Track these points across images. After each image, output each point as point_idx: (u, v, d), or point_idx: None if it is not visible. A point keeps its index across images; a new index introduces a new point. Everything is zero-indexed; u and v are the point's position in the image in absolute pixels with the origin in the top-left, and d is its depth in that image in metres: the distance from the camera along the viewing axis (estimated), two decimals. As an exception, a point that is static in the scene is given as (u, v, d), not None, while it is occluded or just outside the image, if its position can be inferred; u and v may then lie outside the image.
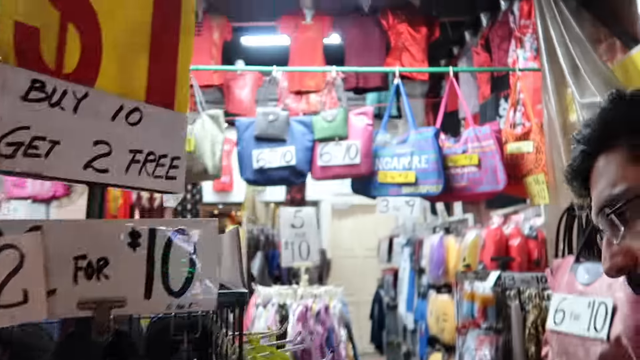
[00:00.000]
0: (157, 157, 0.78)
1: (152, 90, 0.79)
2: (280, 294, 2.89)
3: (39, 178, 0.67)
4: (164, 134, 0.80)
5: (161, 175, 0.79)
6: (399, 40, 4.07)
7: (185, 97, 0.85)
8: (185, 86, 0.85)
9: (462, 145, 3.23)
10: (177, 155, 0.82)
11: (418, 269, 5.23)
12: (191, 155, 3.05)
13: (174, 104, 0.83)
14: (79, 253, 0.56)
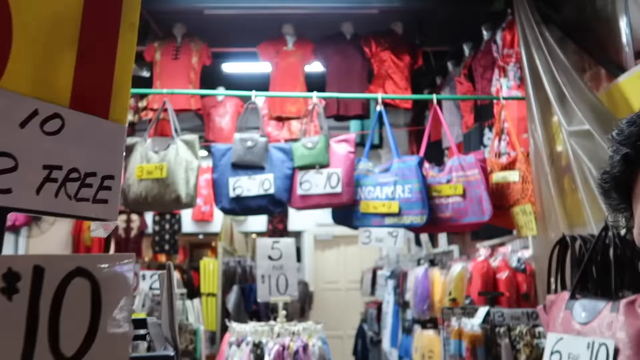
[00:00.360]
0: (82, 176, 0.63)
1: (80, 95, 0.64)
2: (255, 331, 2.69)
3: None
4: (93, 147, 0.66)
5: (86, 198, 0.64)
6: (382, 67, 4.02)
7: (125, 105, 0.71)
8: (125, 92, 0.70)
9: (447, 174, 3.13)
10: (110, 173, 0.67)
11: (402, 302, 5.05)
12: (164, 182, 2.90)
13: (109, 112, 0.68)
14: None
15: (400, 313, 5.27)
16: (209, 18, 4.01)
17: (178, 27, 4.04)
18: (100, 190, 0.67)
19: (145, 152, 2.96)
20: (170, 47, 4.00)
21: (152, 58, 4.01)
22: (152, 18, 4.05)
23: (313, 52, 4.10)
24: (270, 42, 4.05)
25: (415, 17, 4.24)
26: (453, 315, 2.64)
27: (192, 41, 4.06)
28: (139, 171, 2.89)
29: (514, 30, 3.48)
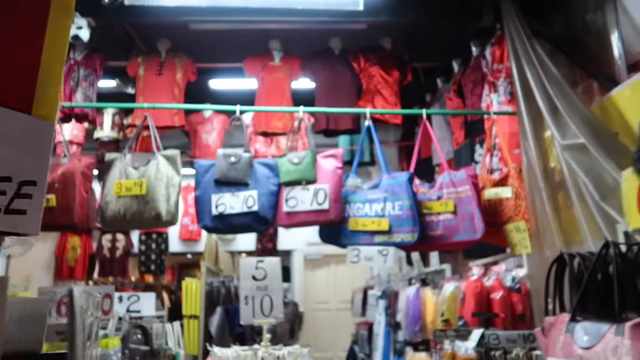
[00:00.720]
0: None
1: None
2: (237, 356, 2.54)
3: None
4: (9, 146, 0.54)
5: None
6: (371, 83, 3.95)
7: (53, 100, 0.60)
8: (54, 85, 0.59)
9: (437, 191, 3.04)
10: (30, 179, 0.55)
11: (394, 323, 4.91)
12: (143, 199, 2.77)
13: (32, 106, 0.57)
14: None
15: (392, 334, 5.13)
16: (194, 33, 3.94)
17: (162, 42, 3.96)
18: (17, 198, 0.55)
19: (125, 168, 2.84)
20: (154, 63, 3.91)
21: (136, 73, 3.91)
22: (137, 33, 3.97)
23: (301, 68, 4.04)
24: (257, 57, 3.97)
25: (404, 33, 4.20)
26: (446, 338, 2.52)
27: (177, 56, 3.97)
28: (117, 188, 2.77)
29: (504, 45, 3.43)
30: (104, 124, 5.22)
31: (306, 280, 8.18)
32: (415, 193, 2.99)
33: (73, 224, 2.71)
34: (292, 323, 7.46)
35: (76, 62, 3.75)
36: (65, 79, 3.68)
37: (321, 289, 8.24)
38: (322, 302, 8.25)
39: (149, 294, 2.85)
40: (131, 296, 2.76)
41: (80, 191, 2.76)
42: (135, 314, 2.69)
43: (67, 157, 2.82)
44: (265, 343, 2.69)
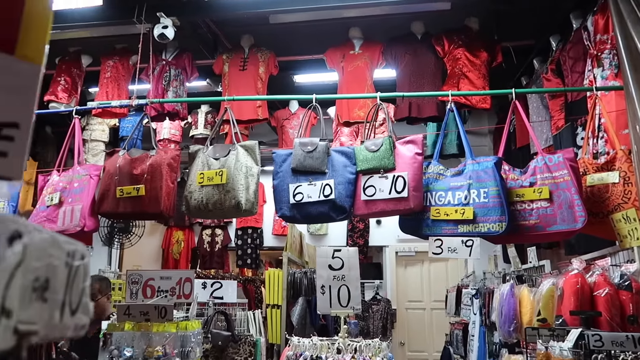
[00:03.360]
0: (-33, 121, 0.50)
1: (-30, 22, 0.51)
2: (314, 345, 2.51)
3: None
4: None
5: (-27, 149, 0.50)
6: (456, 66, 3.73)
7: (41, 41, 0.57)
8: (42, 26, 0.57)
9: (530, 176, 2.76)
10: (11, 120, 0.54)
11: (489, 323, 4.60)
12: (224, 188, 2.85)
13: (15, 47, 0.55)
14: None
15: (487, 335, 4.81)
16: (275, 27, 3.99)
17: (245, 38, 4.06)
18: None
19: (207, 158, 2.94)
20: (238, 59, 4.02)
21: (221, 70, 4.05)
22: (220, 31, 4.11)
23: (382, 54, 3.92)
24: (337, 47, 3.93)
25: (492, 11, 3.90)
26: (538, 338, 2.27)
27: (259, 51, 4.05)
28: (199, 177, 2.87)
29: (607, 13, 3.05)
30: (198, 123, 5.49)
31: (398, 277, 7.98)
32: (503, 179, 2.75)
33: (160, 212, 2.85)
34: (385, 320, 7.32)
35: (167, 63, 3.97)
36: (158, 79, 3.92)
37: (414, 287, 7.99)
38: (415, 300, 8.00)
39: (231, 282, 2.92)
40: (214, 283, 2.85)
41: (166, 181, 2.90)
42: (219, 300, 2.78)
43: (154, 150, 2.98)
44: (342, 334, 2.63)
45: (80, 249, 0.53)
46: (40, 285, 0.42)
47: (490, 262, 5.77)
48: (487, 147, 5.87)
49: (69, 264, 0.50)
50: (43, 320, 0.43)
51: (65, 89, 4.24)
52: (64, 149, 3.18)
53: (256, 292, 6.24)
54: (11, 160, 0.55)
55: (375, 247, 7.91)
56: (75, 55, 4.45)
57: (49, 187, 3.08)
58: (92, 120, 5.24)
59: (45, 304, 0.44)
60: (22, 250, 0.37)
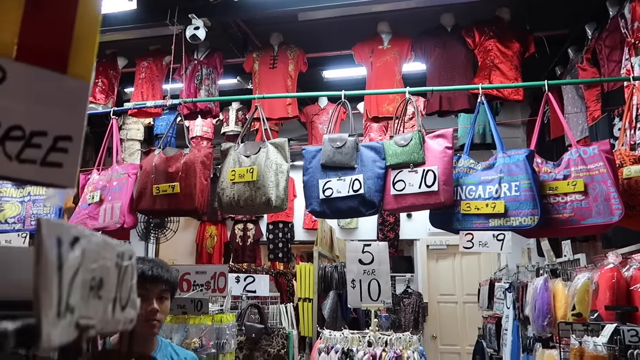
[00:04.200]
0: (27, 135, 0.56)
1: (28, 46, 0.57)
2: (345, 338, 2.56)
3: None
4: (43, 104, 0.58)
5: (33, 160, 0.56)
6: (487, 58, 3.68)
7: (89, 60, 0.63)
8: (89, 46, 0.62)
9: (564, 169, 2.72)
10: (65, 134, 0.59)
11: (522, 317, 4.55)
12: (254, 185, 2.91)
13: (67, 66, 0.60)
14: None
15: (521, 329, 4.76)
16: (304, 25, 4.02)
17: (274, 36, 4.11)
18: (52, 152, 0.59)
19: (238, 156, 3.01)
20: (268, 57, 4.08)
21: (251, 68, 4.12)
22: (250, 30, 4.17)
23: (411, 48, 3.90)
24: (365, 42, 3.93)
25: (524, 1, 3.83)
26: (572, 332, 2.25)
27: (288, 49, 4.10)
28: (231, 175, 2.94)
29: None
30: (229, 120, 5.59)
31: (430, 270, 7.94)
32: (535, 172, 2.72)
33: (194, 208, 2.94)
34: (417, 314, 7.31)
35: (199, 62, 4.06)
36: (190, 78, 4.02)
37: (446, 281, 7.95)
38: (447, 294, 7.95)
39: (264, 276, 2.99)
40: (247, 277, 2.93)
41: (200, 179, 2.99)
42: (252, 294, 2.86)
43: (188, 148, 3.07)
44: (373, 328, 2.67)
45: (128, 250, 0.58)
46: (96, 284, 0.47)
47: (523, 256, 5.68)
48: (520, 138, 5.77)
49: (119, 264, 0.55)
50: (98, 315, 0.48)
51: (102, 90, 4.39)
52: (103, 148, 3.31)
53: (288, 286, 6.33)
54: (66, 170, 0.60)
55: (406, 240, 7.89)
56: (112, 57, 4.60)
57: (89, 186, 3.21)
58: (128, 119, 5.40)
59: (100, 301, 0.49)
60: (81, 254, 0.42)
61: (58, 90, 0.60)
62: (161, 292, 1.52)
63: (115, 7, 3.47)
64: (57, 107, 0.60)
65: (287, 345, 2.84)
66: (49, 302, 0.35)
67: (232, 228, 7.88)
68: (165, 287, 1.53)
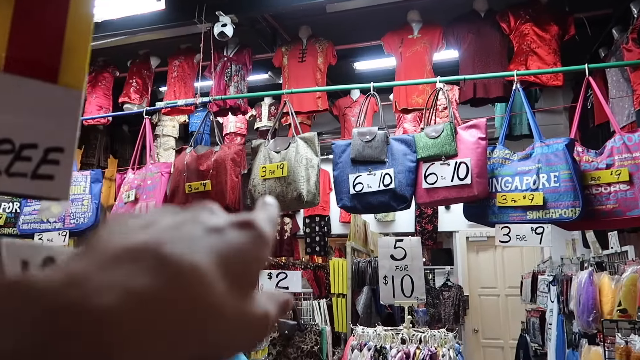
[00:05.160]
0: (17, 148, 0.55)
1: (16, 56, 0.56)
2: (378, 335, 2.52)
3: None
4: (33, 115, 0.57)
5: (23, 173, 0.55)
6: (524, 42, 3.52)
7: (80, 68, 0.61)
8: (80, 54, 0.61)
9: (607, 157, 2.58)
10: (57, 145, 0.58)
11: (567, 312, 4.37)
12: (285, 181, 2.90)
13: (58, 76, 0.59)
14: None
15: (566, 324, 4.58)
16: (333, 17, 3.97)
17: (303, 29, 4.07)
18: (43, 164, 0.58)
19: (268, 152, 3.01)
20: (297, 51, 4.05)
21: (281, 63, 4.10)
22: (279, 24, 4.15)
23: (442, 37, 3.78)
24: (395, 32, 3.84)
25: (562, -20, 3.64)
26: (617, 331, 2.14)
27: (317, 42, 4.06)
28: (262, 171, 2.94)
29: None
30: (262, 115, 5.61)
31: (470, 263, 7.77)
32: (576, 162, 2.59)
33: (226, 206, 2.96)
34: (457, 307, 7.17)
35: (229, 59, 4.08)
36: (220, 75, 4.04)
37: (487, 273, 7.75)
38: (488, 286, 7.76)
39: (296, 272, 2.99)
40: (279, 273, 2.93)
41: (231, 176, 3.00)
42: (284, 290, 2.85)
43: (219, 146, 3.09)
44: (407, 324, 2.62)
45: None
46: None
47: (568, 247, 5.47)
48: (563, 125, 5.53)
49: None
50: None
51: (137, 90, 4.48)
52: (137, 147, 3.38)
53: (327, 279, 6.33)
54: (58, 182, 0.59)
55: (444, 232, 7.73)
56: (145, 57, 4.69)
57: (125, 185, 3.29)
58: (163, 117, 5.51)
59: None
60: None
61: (49, 101, 0.59)
62: None
63: (145, 8, 3.52)
64: (48, 118, 0.59)
65: (321, 342, 2.83)
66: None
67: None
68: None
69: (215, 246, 0.24)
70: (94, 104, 4.62)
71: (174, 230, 0.24)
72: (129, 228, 0.24)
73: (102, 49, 4.10)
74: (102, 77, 4.72)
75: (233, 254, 0.24)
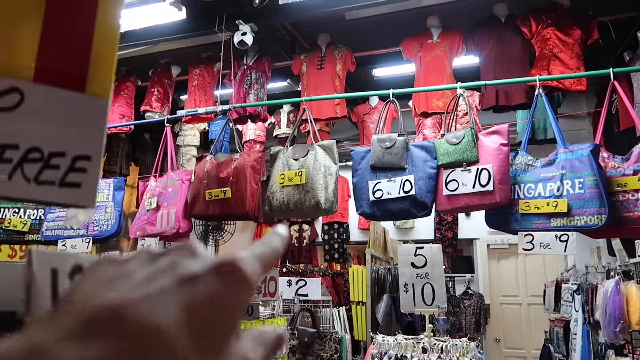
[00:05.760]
0: (46, 156, 0.56)
1: (45, 67, 0.57)
2: (399, 343, 2.49)
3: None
4: (61, 124, 0.58)
5: (52, 181, 0.56)
6: (546, 47, 3.47)
7: (107, 77, 0.62)
8: (107, 63, 0.62)
9: (634, 163, 2.52)
10: (84, 153, 0.58)
11: (593, 322, 4.27)
12: (303, 188, 2.90)
13: (85, 85, 0.60)
14: None
15: (592, 334, 4.47)
16: (352, 24, 3.97)
17: (322, 37, 4.09)
18: (71, 172, 0.59)
19: (287, 159, 3.01)
20: (316, 58, 4.07)
21: (299, 70, 4.12)
22: (298, 32, 4.18)
23: (462, 42, 3.76)
24: (414, 37, 3.83)
25: (585, -17, 3.59)
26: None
27: (336, 49, 4.07)
28: (280, 178, 2.95)
29: None
30: (281, 123, 5.64)
31: (491, 271, 7.65)
32: (602, 167, 2.53)
33: (245, 212, 2.97)
34: (478, 316, 7.05)
35: (248, 67, 4.11)
36: (240, 83, 4.08)
37: (509, 281, 7.62)
38: (510, 295, 7.63)
39: (316, 279, 2.98)
40: (299, 280, 2.92)
41: (250, 183, 3.02)
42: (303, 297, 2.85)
43: (238, 153, 3.11)
44: (428, 333, 2.58)
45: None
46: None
47: (593, 255, 5.34)
48: (586, 130, 5.43)
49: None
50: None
51: (158, 99, 4.55)
52: (159, 155, 3.42)
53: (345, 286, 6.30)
54: (85, 190, 0.60)
55: (465, 239, 7.64)
56: (166, 66, 4.76)
57: (147, 193, 3.33)
58: (184, 126, 5.57)
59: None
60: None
61: (76, 110, 0.60)
62: None
63: (167, 18, 3.58)
64: (76, 126, 0.60)
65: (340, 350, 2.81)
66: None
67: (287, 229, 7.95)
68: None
69: (185, 300, 0.24)
70: (117, 113, 4.70)
71: (143, 286, 0.24)
72: (101, 283, 0.24)
73: (125, 59, 4.18)
74: (125, 86, 4.80)
75: (205, 306, 0.24)
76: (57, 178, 0.58)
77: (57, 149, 0.58)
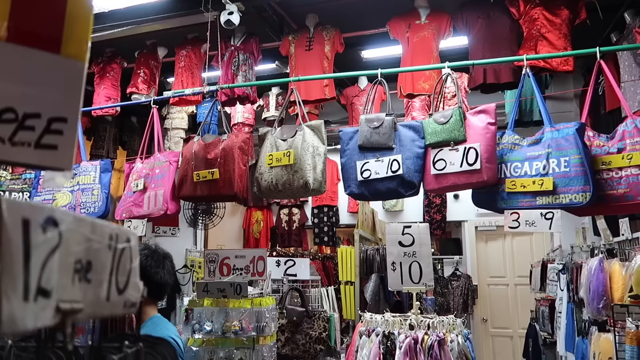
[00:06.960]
0: (20, 117, 0.55)
1: (18, 27, 0.56)
2: (386, 321, 2.52)
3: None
4: (37, 85, 0.57)
5: (27, 143, 0.56)
6: (533, 27, 3.47)
7: (83, 40, 0.61)
8: (83, 26, 0.61)
9: (618, 142, 2.55)
10: (60, 115, 0.58)
11: (577, 300, 4.35)
12: (292, 169, 2.90)
13: (60, 47, 0.59)
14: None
15: (576, 312, 4.56)
16: (340, 4, 3.94)
17: (310, 17, 4.05)
18: (46, 134, 0.58)
19: (275, 140, 3.00)
20: (304, 39, 4.03)
21: (288, 52, 4.08)
22: (286, 12, 4.13)
23: (450, 24, 3.74)
24: (401, 16, 3.80)
25: (573, -38, 3.57)
26: (628, 315, 2.12)
27: (324, 30, 4.03)
28: (268, 159, 2.94)
29: None
30: (270, 105, 5.60)
31: (479, 252, 7.74)
32: (587, 146, 2.56)
33: (234, 193, 2.97)
34: (466, 297, 7.15)
35: (236, 48, 4.07)
36: (227, 64, 4.03)
37: (496, 262, 7.72)
38: (497, 276, 7.74)
39: (304, 260, 2.99)
40: (287, 261, 2.94)
41: (238, 164, 3.01)
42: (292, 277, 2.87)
43: (226, 135, 3.09)
44: (415, 310, 2.62)
45: (124, 232, 0.56)
46: (82, 267, 0.46)
47: (578, 235, 5.43)
48: (573, 112, 5.46)
49: (113, 247, 0.53)
50: (88, 299, 0.47)
51: (144, 81, 4.49)
52: (145, 137, 3.39)
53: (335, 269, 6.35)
54: (61, 152, 0.59)
55: (453, 222, 7.71)
56: (152, 47, 4.69)
57: (134, 174, 3.31)
58: (172, 109, 5.52)
59: (90, 284, 0.48)
60: (57, 236, 0.41)
61: (51, 71, 0.59)
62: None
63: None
64: (51, 88, 0.59)
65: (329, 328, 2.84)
66: (12, 285, 0.34)
67: (277, 213, 7.97)
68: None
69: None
70: (102, 95, 4.64)
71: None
72: None
73: (110, 40, 4.10)
74: (110, 68, 4.73)
75: None
76: (33, 140, 0.57)
77: (32, 110, 0.57)
